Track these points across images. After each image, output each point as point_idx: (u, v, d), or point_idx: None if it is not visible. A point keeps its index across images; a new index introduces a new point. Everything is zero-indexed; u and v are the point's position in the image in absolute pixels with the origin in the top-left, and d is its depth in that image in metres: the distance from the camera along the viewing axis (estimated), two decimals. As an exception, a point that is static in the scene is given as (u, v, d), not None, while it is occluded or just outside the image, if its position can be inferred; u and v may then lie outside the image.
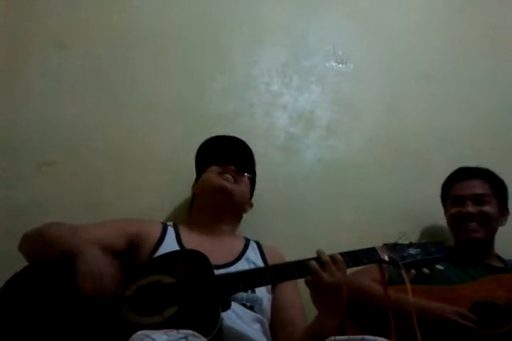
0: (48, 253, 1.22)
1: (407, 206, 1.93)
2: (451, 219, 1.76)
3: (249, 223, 1.56)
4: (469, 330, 1.41)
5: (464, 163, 1.82)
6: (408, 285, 1.19)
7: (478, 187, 1.73)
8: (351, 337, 1.01)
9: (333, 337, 1.02)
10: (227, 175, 1.52)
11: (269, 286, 1.39)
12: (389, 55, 2.13)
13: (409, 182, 1.98)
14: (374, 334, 1.02)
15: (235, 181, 1.53)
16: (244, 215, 1.63)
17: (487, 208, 1.70)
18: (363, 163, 1.98)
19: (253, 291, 1.33)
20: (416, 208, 1.93)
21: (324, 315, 1.19)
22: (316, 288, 1.17)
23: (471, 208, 1.70)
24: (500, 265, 1.72)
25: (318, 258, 1.19)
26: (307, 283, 1.19)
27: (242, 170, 1.57)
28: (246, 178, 1.58)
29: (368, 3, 2.19)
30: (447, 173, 1.82)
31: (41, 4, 1.89)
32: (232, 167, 1.54)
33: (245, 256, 1.45)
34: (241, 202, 1.56)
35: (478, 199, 1.71)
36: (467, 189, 1.73)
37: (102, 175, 1.77)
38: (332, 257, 1.19)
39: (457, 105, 2.12)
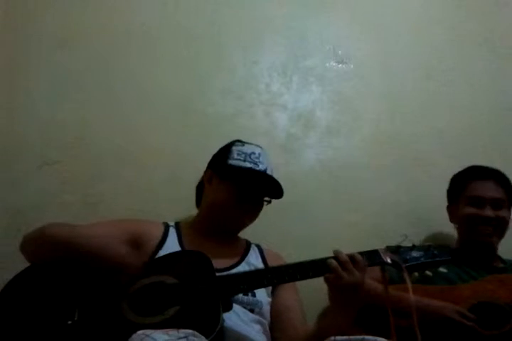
0: (49, 254, 1.22)
1: (408, 206, 1.94)
2: (466, 219, 1.71)
3: (250, 223, 1.56)
4: (469, 329, 1.42)
5: (464, 163, 1.82)
6: (410, 288, 1.19)
7: (497, 191, 1.69)
8: (351, 337, 1.01)
9: (333, 337, 1.02)
10: (248, 206, 1.43)
11: (270, 290, 1.39)
12: (389, 55, 2.13)
13: (409, 182, 1.98)
14: (374, 335, 1.02)
15: (252, 210, 1.47)
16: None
17: (504, 213, 1.68)
18: (363, 163, 1.98)
19: (253, 295, 1.32)
20: (416, 208, 1.93)
21: (338, 313, 1.19)
22: (335, 286, 1.17)
23: (489, 212, 1.66)
24: (501, 265, 1.72)
25: (336, 257, 1.18)
26: (326, 280, 1.18)
27: (266, 195, 1.46)
28: (263, 203, 1.47)
29: (368, 3, 2.18)
30: (447, 173, 1.81)
31: (41, 4, 1.90)
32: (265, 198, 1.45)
33: (246, 259, 1.44)
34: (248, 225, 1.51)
35: (496, 204, 1.68)
36: (487, 191, 1.69)
37: (102, 174, 1.77)
38: (352, 257, 1.19)
39: (457, 105, 2.12)
